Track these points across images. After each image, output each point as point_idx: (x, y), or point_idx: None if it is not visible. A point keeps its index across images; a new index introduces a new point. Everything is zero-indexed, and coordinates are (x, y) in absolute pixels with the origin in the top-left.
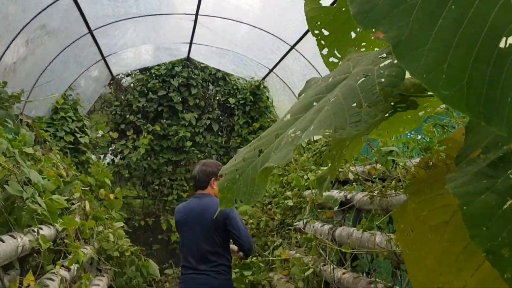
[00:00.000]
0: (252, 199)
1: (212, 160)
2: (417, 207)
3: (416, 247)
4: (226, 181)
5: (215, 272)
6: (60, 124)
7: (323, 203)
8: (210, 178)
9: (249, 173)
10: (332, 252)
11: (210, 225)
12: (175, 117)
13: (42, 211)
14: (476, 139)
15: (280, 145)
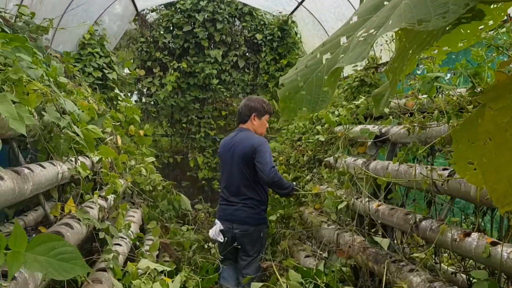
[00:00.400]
0: (318, 106)
1: (257, 96)
2: (496, 114)
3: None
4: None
5: (244, 205)
6: (88, 59)
7: (355, 138)
8: (252, 113)
9: (314, 80)
10: (366, 185)
11: (240, 159)
12: (201, 54)
13: (80, 140)
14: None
15: (349, 48)
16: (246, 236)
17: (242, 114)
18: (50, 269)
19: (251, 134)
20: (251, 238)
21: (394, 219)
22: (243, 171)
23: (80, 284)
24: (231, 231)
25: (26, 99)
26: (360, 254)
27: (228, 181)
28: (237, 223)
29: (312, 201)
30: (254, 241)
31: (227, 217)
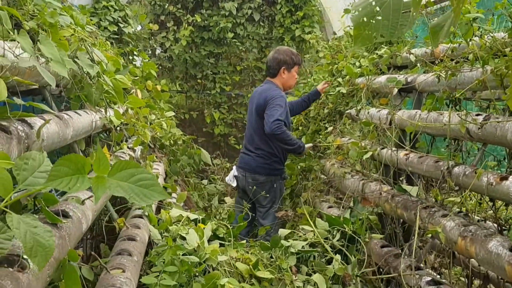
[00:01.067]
0: (397, 31)
1: (286, 48)
2: None
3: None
4: (362, 16)
5: (256, 155)
6: (103, 13)
7: (378, 89)
8: (281, 67)
9: (390, 4)
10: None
11: (255, 110)
12: (215, 6)
13: (110, 90)
14: None
15: None
16: (258, 185)
17: (271, 68)
18: (132, 194)
19: (271, 87)
20: (263, 187)
21: (423, 167)
22: (257, 122)
23: (119, 230)
24: (244, 178)
25: (64, 44)
26: (388, 202)
27: (247, 131)
28: (249, 171)
29: (334, 153)
30: (267, 191)
31: (242, 164)
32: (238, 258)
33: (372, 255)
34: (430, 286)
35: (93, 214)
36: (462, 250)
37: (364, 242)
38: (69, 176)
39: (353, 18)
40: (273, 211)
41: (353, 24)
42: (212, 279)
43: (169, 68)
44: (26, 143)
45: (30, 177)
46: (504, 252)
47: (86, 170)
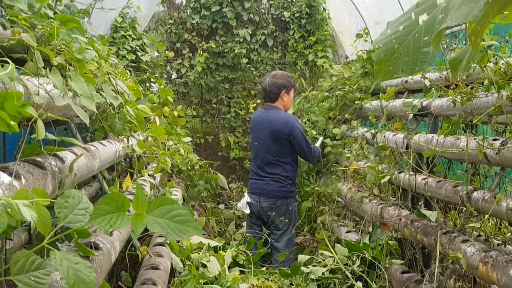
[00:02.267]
0: (418, 67)
1: (281, 72)
2: None
3: None
4: (383, 53)
5: (271, 179)
6: (121, 42)
7: (393, 113)
8: (281, 91)
9: (410, 41)
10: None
11: (270, 136)
12: (229, 33)
13: (132, 119)
14: None
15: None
16: (274, 209)
17: (271, 93)
18: (169, 230)
19: (280, 113)
20: (279, 211)
21: (442, 191)
22: (272, 148)
23: (142, 258)
24: (258, 204)
25: (91, 78)
26: (408, 227)
27: (257, 156)
28: (264, 196)
29: (351, 177)
30: (282, 214)
31: (255, 190)
32: (259, 286)
33: (392, 281)
34: None
35: (120, 245)
36: (484, 276)
37: (385, 268)
38: (110, 214)
39: (375, 54)
40: (289, 234)
41: (375, 59)
42: None
43: (184, 93)
44: (59, 178)
45: (71, 215)
46: None
47: (125, 208)
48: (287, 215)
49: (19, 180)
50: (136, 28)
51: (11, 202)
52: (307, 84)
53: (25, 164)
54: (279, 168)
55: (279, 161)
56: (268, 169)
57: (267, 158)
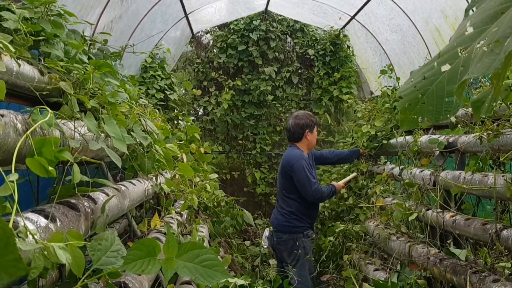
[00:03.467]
0: (442, 116)
1: (303, 112)
2: None
3: None
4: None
5: (279, 213)
6: (150, 82)
7: (419, 150)
8: (305, 130)
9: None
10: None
11: (280, 172)
12: (255, 71)
13: (160, 158)
14: None
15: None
16: (281, 243)
17: (295, 134)
18: (197, 275)
19: (293, 150)
20: (286, 245)
21: (471, 230)
22: (281, 183)
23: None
24: (272, 238)
25: (123, 120)
26: (437, 266)
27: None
28: (275, 230)
29: (378, 214)
30: (289, 248)
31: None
32: None
33: None
34: None
35: (148, 284)
36: None
37: None
38: (142, 259)
39: (399, 104)
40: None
41: (399, 108)
42: None
43: (211, 130)
44: (91, 219)
45: (104, 257)
46: None
47: (156, 253)
48: (293, 250)
49: (55, 223)
50: (165, 68)
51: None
52: (332, 120)
53: (60, 207)
54: (286, 202)
55: (286, 196)
56: (279, 204)
57: (279, 193)
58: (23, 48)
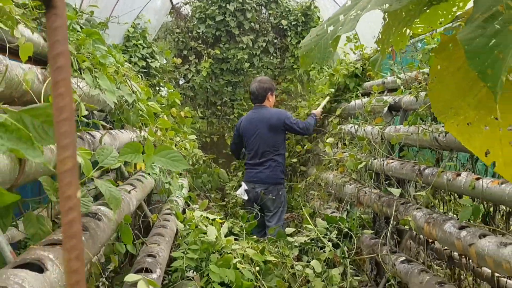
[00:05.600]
0: (325, 61)
1: (265, 77)
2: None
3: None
4: (305, 51)
5: (265, 168)
6: (133, 50)
7: (373, 110)
8: (267, 93)
9: (322, 44)
10: (382, 147)
11: (267, 130)
12: (232, 41)
13: (144, 114)
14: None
15: (345, 22)
16: (267, 194)
17: (259, 96)
18: (167, 165)
19: (271, 110)
20: (271, 195)
21: (404, 171)
22: (269, 140)
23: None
24: (253, 190)
25: (111, 78)
26: (376, 202)
27: (253, 150)
28: (259, 183)
29: (336, 165)
30: (274, 198)
31: (251, 179)
32: (248, 246)
33: (362, 246)
34: (403, 264)
35: (136, 201)
36: (427, 233)
37: (357, 237)
38: (131, 154)
39: (300, 51)
40: (279, 215)
41: (300, 55)
42: (226, 260)
43: (191, 96)
44: (92, 147)
45: (105, 159)
46: (454, 230)
47: (140, 151)
48: (277, 199)
49: None
50: (146, 38)
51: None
52: (303, 87)
53: None
54: (272, 158)
55: (272, 151)
56: (262, 160)
57: (263, 150)
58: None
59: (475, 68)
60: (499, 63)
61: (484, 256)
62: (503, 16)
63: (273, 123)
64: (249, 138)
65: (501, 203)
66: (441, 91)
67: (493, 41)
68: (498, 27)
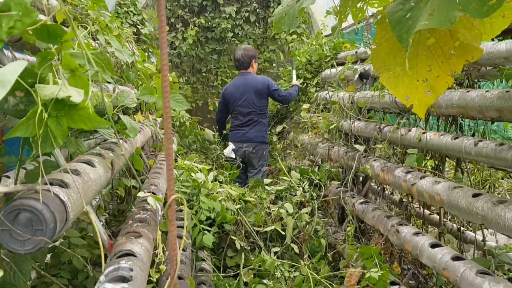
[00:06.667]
0: (292, 27)
1: (249, 45)
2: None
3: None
4: (278, 18)
5: (251, 128)
6: (124, 17)
7: (346, 78)
8: (252, 60)
9: (291, 12)
10: (351, 110)
11: (254, 94)
12: (217, 10)
13: (141, 74)
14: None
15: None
16: (253, 152)
17: (244, 62)
18: (173, 105)
19: (256, 76)
20: (257, 154)
21: (368, 130)
22: (256, 103)
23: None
24: (241, 150)
25: (119, 40)
26: (343, 157)
27: (240, 112)
28: (247, 142)
29: (311, 128)
30: (259, 156)
31: (239, 138)
32: (231, 189)
33: (329, 194)
34: (361, 204)
35: (140, 142)
36: (382, 179)
37: (326, 187)
38: (147, 95)
39: (274, 18)
40: (262, 172)
41: (273, 21)
42: (213, 197)
43: (178, 63)
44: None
45: (125, 100)
46: (402, 174)
47: (154, 93)
48: (262, 157)
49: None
50: (136, 5)
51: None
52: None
53: None
54: (258, 119)
55: (258, 114)
56: (249, 121)
57: (251, 112)
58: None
59: (395, 33)
60: (411, 29)
61: (422, 192)
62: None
63: (259, 88)
64: (237, 102)
65: (439, 152)
66: (379, 53)
67: (408, 14)
68: (413, 4)
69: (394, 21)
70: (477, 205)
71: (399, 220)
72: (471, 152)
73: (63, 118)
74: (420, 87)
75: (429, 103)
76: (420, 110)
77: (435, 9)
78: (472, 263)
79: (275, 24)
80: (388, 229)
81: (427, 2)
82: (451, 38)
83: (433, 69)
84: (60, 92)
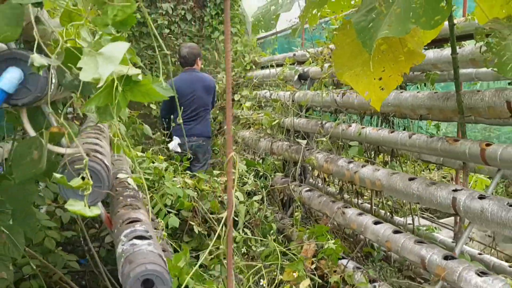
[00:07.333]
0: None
1: (194, 44)
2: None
3: (339, 52)
4: (255, 21)
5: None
6: None
7: (285, 78)
8: (197, 58)
9: (266, 17)
10: (292, 108)
11: (203, 90)
12: (153, 6)
13: None
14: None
15: (283, 4)
16: (200, 146)
17: (190, 59)
18: None
19: (202, 73)
20: (203, 148)
21: (309, 126)
22: (205, 99)
23: None
24: (188, 144)
25: None
26: (287, 151)
27: (188, 107)
28: (194, 136)
29: (252, 124)
30: (205, 151)
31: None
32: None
33: (275, 184)
34: (307, 192)
35: None
36: (326, 170)
37: (272, 178)
38: None
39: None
40: (206, 166)
41: (252, 24)
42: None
43: None
44: None
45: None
46: (345, 164)
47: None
48: (207, 152)
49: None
50: None
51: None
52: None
53: None
54: (204, 115)
55: (205, 109)
56: (197, 116)
57: (198, 107)
58: None
59: (360, 39)
60: (373, 37)
61: (364, 179)
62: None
63: (206, 85)
64: (185, 97)
65: (376, 144)
66: (341, 55)
67: (370, 24)
68: (374, 16)
69: (359, 30)
70: (413, 186)
71: (343, 203)
72: (406, 144)
73: (128, 92)
74: (376, 84)
75: (383, 98)
76: (376, 104)
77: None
78: (410, 235)
79: (253, 27)
80: (335, 211)
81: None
82: (401, 45)
83: (386, 69)
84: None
